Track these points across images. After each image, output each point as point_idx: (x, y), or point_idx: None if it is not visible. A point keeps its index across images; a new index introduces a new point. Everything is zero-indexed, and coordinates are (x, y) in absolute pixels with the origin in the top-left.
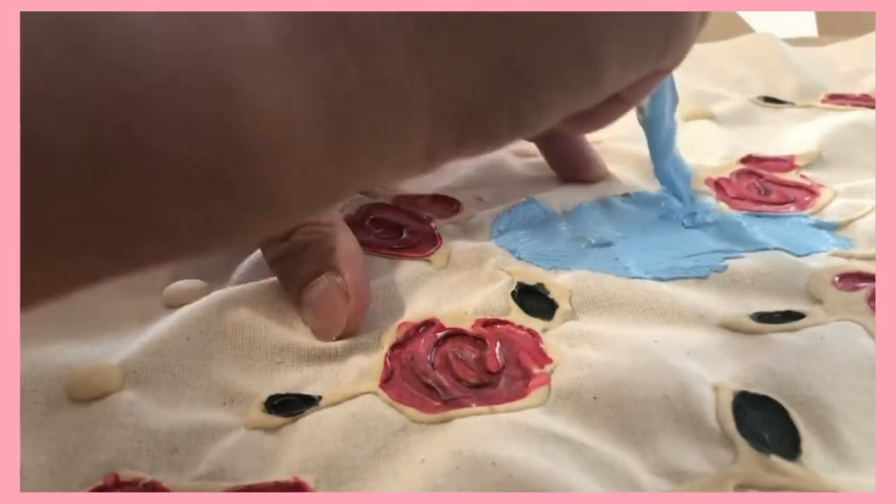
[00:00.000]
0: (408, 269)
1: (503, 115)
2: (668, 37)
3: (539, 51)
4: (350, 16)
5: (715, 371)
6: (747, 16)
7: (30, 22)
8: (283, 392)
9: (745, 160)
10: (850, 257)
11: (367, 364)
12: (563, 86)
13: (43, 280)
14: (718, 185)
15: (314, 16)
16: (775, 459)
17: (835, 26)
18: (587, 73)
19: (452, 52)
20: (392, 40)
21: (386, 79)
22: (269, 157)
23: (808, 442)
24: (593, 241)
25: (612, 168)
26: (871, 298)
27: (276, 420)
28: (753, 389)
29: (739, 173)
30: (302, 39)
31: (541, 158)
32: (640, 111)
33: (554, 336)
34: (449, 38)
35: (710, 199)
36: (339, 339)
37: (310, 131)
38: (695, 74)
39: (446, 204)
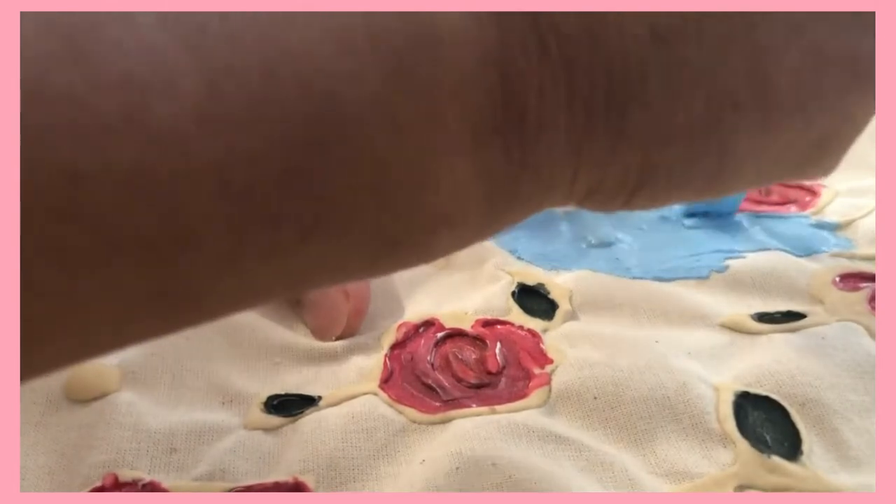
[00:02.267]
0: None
1: (619, 200)
2: (802, 172)
3: (676, 162)
4: (529, 110)
5: (716, 371)
6: None
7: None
8: (282, 392)
9: None
10: (851, 257)
11: (367, 364)
12: (683, 190)
13: (237, 287)
14: None
15: (501, 105)
16: (776, 460)
17: None
18: (711, 187)
19: (605, 151)
20: (558, 135)
21: (542, 166)
22: (435, 230)
23: (809, 442)
24: (594, 242)
25: None
26: (873, 299)
27: (275, 420)
28: (754, 389)
29: None
30: (486, 129)
31: None
32: None
33: (554, 336)
34: (606, 139)
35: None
36: (338, 339)
37: (472, 206)
38: None
39: None
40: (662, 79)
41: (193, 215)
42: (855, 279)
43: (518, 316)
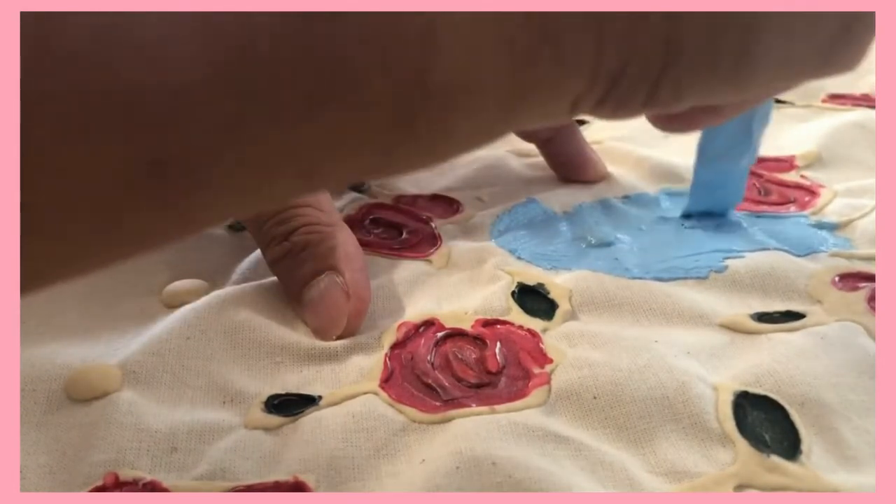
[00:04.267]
0: (408, 269)
1: (644, 88)
2: (829, 60)
3: (703, 37)
4: None
5: (715, 371)
6: None
7: None
8: (283, 392)
9: None
10: (850, 257)
11: (367, 364)
12: (709, 77)
13: (250, 193)
14: None
15: None
16: (775, 459)
17: None
18: (738, 72)
19: (628, 18)
20: (576, 2)
21: (563, 35)
22: (452, 98)
23: (808, 442)
24: (593, 241)
25: (611, 168)
26: (871, 298)
27: (276, 420)
28: (754, 389)
29: None
30: None
31: (541, 158)
32: None
33: (554, 336)
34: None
35: None
36: (339, 338)
37: (490, 78)
38: None
39: (446, 204)
40: None
41: (188, 71)
42: (854, 279)
43: (518, 316)
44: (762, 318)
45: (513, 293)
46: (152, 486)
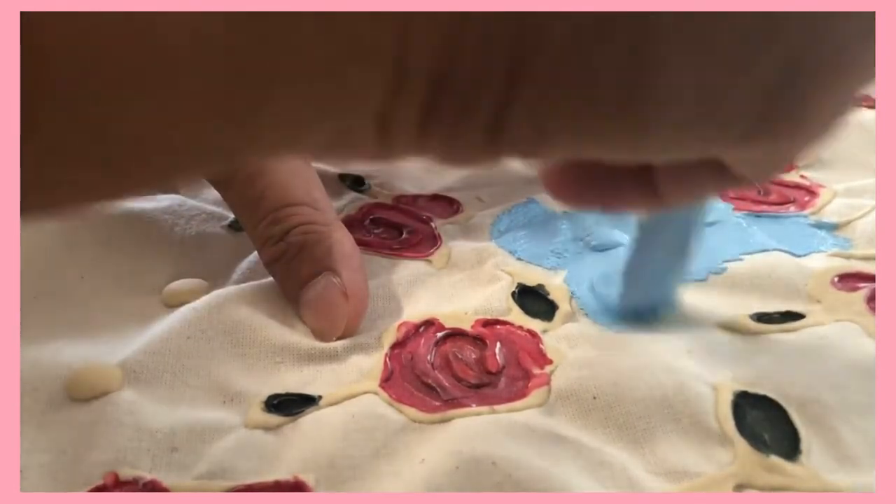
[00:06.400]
0: (408, 269)
1: (486, 107)
2: (764, 122)
3: (570, 43)
4: None
5: (715, 371)
6: None
7: None
8: (283, 392)
9: None
10: (849, 257)
11: (367, 364)
12: (583, 106)
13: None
14: None
15: None
16: (774, 459)
17: None
18: (628, 105)
19: (449, 16)
20: None
21: (338, 17)
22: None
23: (808, 442)
24: (593, 242)
25: None
26: (871, 299)
27: (276, 419)
28: (753, 389)
29: None
30: None
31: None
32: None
33: (554, 337)
34: None
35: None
36: (338, 339)
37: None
38: None
39: (446, 204)
40: None
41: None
42: (853, 279)
43: (518, 316)
44: (762, 318)
45: (513, 294)
46: (152, 486)
